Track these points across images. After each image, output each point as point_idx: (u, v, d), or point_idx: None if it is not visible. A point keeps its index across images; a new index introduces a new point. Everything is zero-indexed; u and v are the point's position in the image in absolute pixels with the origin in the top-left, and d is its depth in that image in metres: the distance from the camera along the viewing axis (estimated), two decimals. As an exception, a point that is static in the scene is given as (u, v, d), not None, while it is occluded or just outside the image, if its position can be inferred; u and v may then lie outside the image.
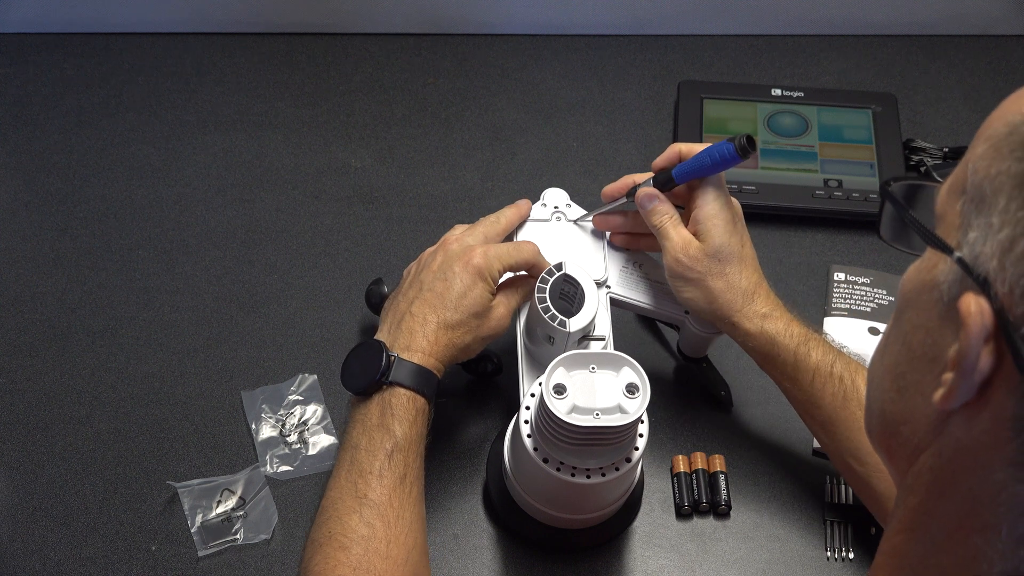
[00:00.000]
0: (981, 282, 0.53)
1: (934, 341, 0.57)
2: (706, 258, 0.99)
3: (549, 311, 0.98)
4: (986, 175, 0.54)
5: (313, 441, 1.10)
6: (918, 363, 0.59)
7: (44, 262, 1.23)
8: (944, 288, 0.56)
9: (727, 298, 1.00)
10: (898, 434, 0.61)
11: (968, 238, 0.54)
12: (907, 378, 0.60)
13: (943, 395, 0.55)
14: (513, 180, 1.33)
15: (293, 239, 1.26)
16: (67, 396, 1.13)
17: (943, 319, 0.56)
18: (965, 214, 0.55)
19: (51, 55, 1.43)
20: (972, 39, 1.49)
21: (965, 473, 0.56)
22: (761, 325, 0.99)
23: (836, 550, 1.04)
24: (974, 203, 0.55)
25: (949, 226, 0.57)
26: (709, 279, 0.99)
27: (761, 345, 1.00)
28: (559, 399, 0.90)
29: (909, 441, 0.60)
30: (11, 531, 1.04)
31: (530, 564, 1.03)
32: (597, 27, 1.48)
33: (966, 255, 0.54)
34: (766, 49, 1.48)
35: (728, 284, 1.00)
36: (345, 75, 1.43)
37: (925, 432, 0.58)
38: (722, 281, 0.99)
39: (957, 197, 0.56)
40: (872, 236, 1.28)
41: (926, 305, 0.58)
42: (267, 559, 1.03)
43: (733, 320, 1.00)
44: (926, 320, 0.58)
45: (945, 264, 0.56)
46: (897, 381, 0.61)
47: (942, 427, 0.57)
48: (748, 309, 1.00)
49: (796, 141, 1.34)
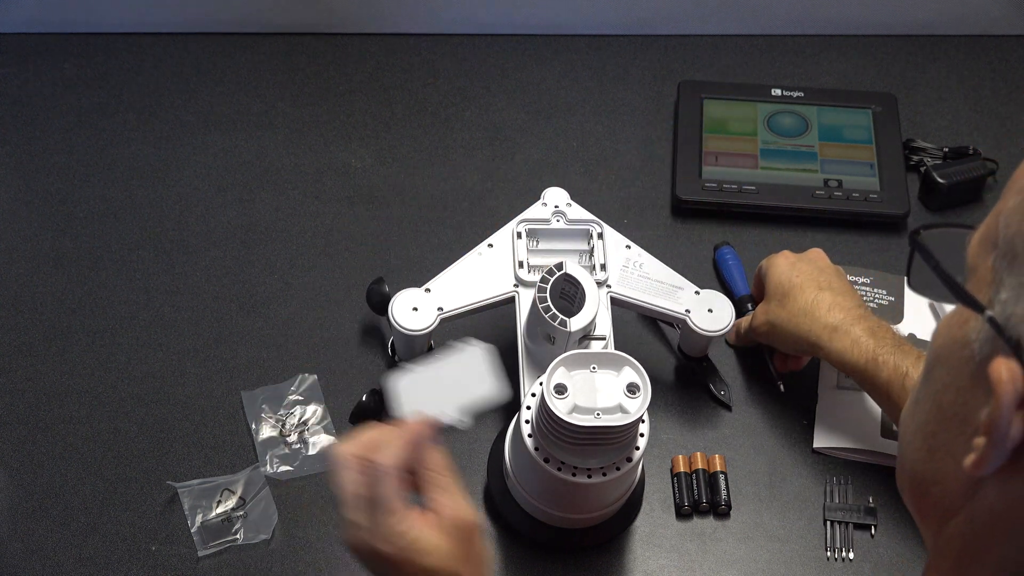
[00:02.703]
0: (1013, 345, 0.51)
1: (965, 402, 0.55)
2: (766, 306, 1.09)
3: (550, 311, 0.98)
4: (1018, 231, 0.52)
5: (313, 441, 1.10)
6: (949, 424, 0.57)
7: (44, 262, 1.23)
8: (976, 347, 0.54)
9: (794, 324, 1.05)
10: (929, 495, 0.59)
11: (1000, 296, 0.52)
12: (937, 438, 0.58)
13: (974, 461, 0.52)
14: (513, 180, 1.33)
15: (293, 239, 1.26)
16: (67, 396, 1.13)
17: (974, 379, 0.54)
18: (997, 270, 0.53)
19: (51, 55, 1.43)
20: (972, 39, 1.49)
21: (997, 539, 0.55)
22: (830, 341, 1.02)
23: (836, 550, 1.04)
24: (1006, 259, 0.52)
25: (981, 281, 0.54)
26: (775, 320, 1.07)
27: (836, 363, 1.02)
28: (560, 399, 0.90)
29: (940, 503, 0.58)
30: (11, 531, 1.04)
31: (530, 564, 1.03)
32: (597, 27, 1.48)
33: (997, 314, 0.52)
34: (766, 49, 1.48)
35: (790, 313, 1.06)
36: (345, 75, 1.43)
37: (956, 495, 0.57)
38: (784, 312, 1.06)
39: (989, 250, 0.54)
40: (872, 236, 1.28)
41: (957, 363, 0.55)
42: (267, 559, 1.03)
43: (811, 340, 1.04)
44: (956, 379, 0.56)
45: (976, 321, 0.54)
46: (927, 441, 0.59)
47: (974, 491, 0.55)
48: (816, 325, 1.03)
49: (796, 141, 1.34)
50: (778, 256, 1.11)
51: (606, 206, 1.26)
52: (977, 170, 1.31)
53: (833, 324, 1.03)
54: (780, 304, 1.07)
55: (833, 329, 1.02)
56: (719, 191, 1.28)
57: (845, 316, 1.03)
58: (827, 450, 1.10)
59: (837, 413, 1.12)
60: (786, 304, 1.06)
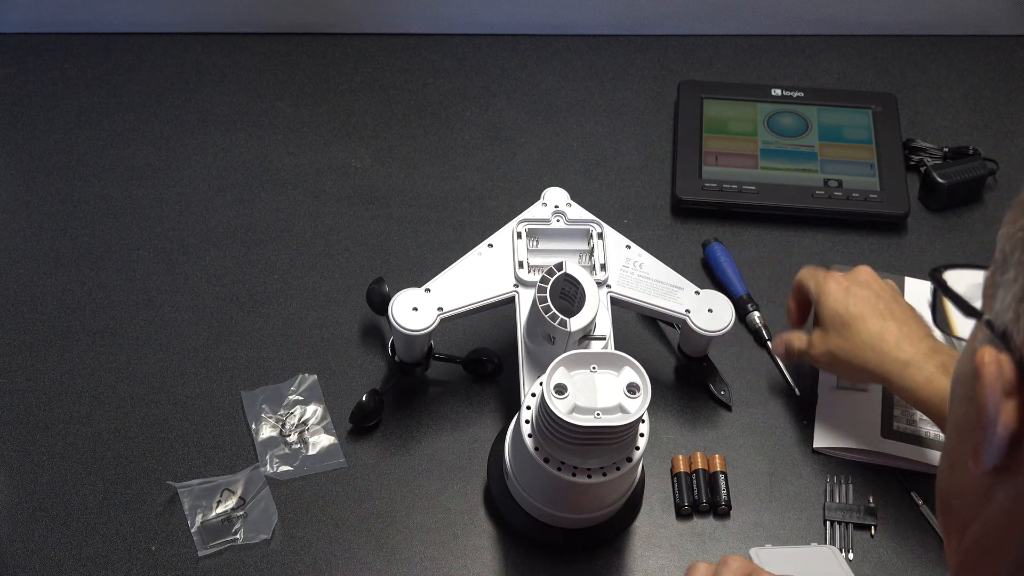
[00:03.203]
0: (1000, 335, 0.53)
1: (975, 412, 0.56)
2: (825, 335, 1.04)
3: (550, 310, 0.98)
4: (1008, 237, 0.55)
5: (313, 441, 1.10)
6: (963, 436, 0.58)
7: (44, 262, 1.23)
8: None
9: (860, 358, 1.02)
10: (951, 509, 0.60)
11: (996, 299, 0.55)
12: (956, 452, 0.59)
13: (971, 456, 0.54)
14: (513, 180, 1.33)
15: (293, 239, 1.26)
16: (67, 396, 1.13)
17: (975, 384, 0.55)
18: (994, 279, 0.55)
19: (51, 55, 1.43)
20: (972, 39, 1.49)
21: (1011, 540, 0.56)
22: (901, 377, 0.99)
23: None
24: (998, 265, 0.55)
25: (986, 299, 0.57)
26: (837, 352, 1.04)
27: (908, 399, 1.00)
28: (560, 399, 0.90)
29: (959, 515, 0.59)
30: (11, 531, 1.03)
31: (530, 564, 1.03)
32: (597, 27, 1.48)
33: (993, 316, 0.54)
34: (766, 49, 1.48)
35: (855, 346, 1.02)
36: (345, 75, 1.43)
37: (973, 503, 0.58)
38: (848, 345, 1.03)
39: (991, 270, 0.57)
40: (872, 236, 1.28)
41: (967, 376, 0.57)
42: (267, 559, 1.03)
43: (879, 375, 1.01)
44: (968, 390, 0.57)
45: (981, 332, 0.56)
46: (949, 457, 0.60)
47: (988, 497, 0.56)
48: (886, 360, 1.00)
49: (796, 141, 1.34)
50: (828, 280, 1.06)
51: (606, 206, 1.26)
52: (977, 170, 1.31)
53: (904, 359, 0.99)
54: (840, 335, 1.03)
55: (905, 364, 0.99)
56: (719, 191, 1.28)
57: (916, 351, 1.00)
58: (827, 450, 1.10)
59: (837, 413, 1.12)
60: (847, 335, 1.03)
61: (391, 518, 1.06)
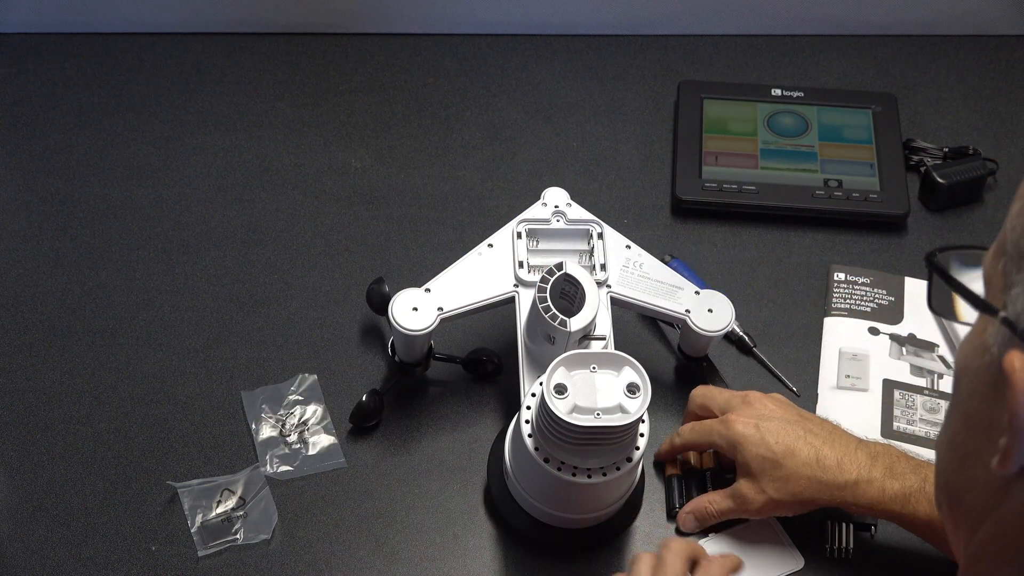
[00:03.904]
0: None
1: (988, 406, 0.56)
2: (757, 484, 0.98)
3: (550, 310, 0.98)
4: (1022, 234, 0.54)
5: (313, 441, 1.10)
6: (975, 431, 0.57)
7: (44, 262, 1.23)
8: (994, 352, 0.55)
9: (806, 494, 0.97)
10: (962, 504, 0.60)
11: (1011, 296, 0.54)
12: (967, 447, 0.59)
13: (1000, 459, 0.53)
14: (513, 180, 1.33)
15: (293, 239, 1.26)
16: (67, 396, 1.13)
17: (995, 384, 0.55)
18: (1008, 273, 0.54)
19: (51, 55, 1.43)
20: (972, 39, 1.49)
21: None
22: (855, 498, 0.96)
23: (836, 550, 1.04)
24: (1014, 261, 0.54)
25: (995, 289, 0.56)
26: (777, 496, 0.98)
27: (867, 512, 0.98)
28: (560, 399, 0.90)
29: (972, 510, 0.59)
30: (11, 531, 1.04)
31: (530, 564, 1.03)
32: (597, 27, 1.48)
33: (1010, 314, 0.53)
34: (766, 49, 1.48)
35: (796, 484, 0.97)
36: (345, 75, 1.43)
37: (987, 500, 0.57)
38: (787, 487, 0.97)
39: (999, 258, 0.56)
40: (872, 236, 1.28)
41: (978, 371, 0.56)
42: (267, 559, 1.03)
43: (833, 502, 0.97)
44: (980, 386, 0.56)
45: (993, 326, 0.55)
46: (957, 451, 0.60)
47: (1003, 494, 0.56)
48: (833, 488, 0.96)
49: (796, 141, 1.34)
50: (734, 424, 0.99)
51: (606, 206, 1.26)
52: (977, 170, 1.31)
53: (852, 480, 0.96)
54: (774, 478, 0.97)
55: (855, 485, 0.96)
56: (719, 191, 1.28)
57: (857, 466, 0.96)
58: (827, 450, 1.10)
59: (837, 413, 1.12)
60: (783, 476, 0.97)
61: (391, 518, 1.06)
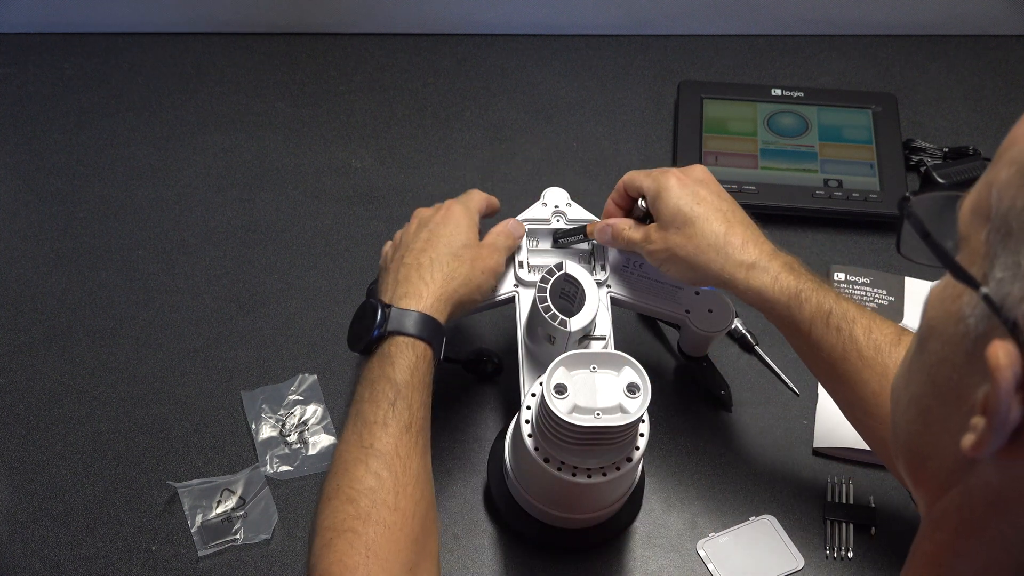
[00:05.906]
0: (1011, 327, 0.50)
1: (960, 378, 0.54)
2: (664, 232, 0.99)
3: (550, 311, 0.98)
4: (1012, 206, 0.51)
5: (313, 441, 1.10)
6: (944, 399, 0.56)
7: (44, 262, 1.23)
8: (971, 323, 0.53)
9: (702, 259, 0.97)
10: (925, 467, 0.59)
11: (995, 273, 0.51)
12: (933, 413, 0.57)
13: (974, 444, 0.52)
14: (513, 180, 1.33)
15: (293, 239, 1.26)
16: (67, 396, 1.13)
17: (970, 356, 0.53)
18: (991, 243, 0.52)
19: (51, 55, 1.43)
20: (972, 39, 1.49)
21: (995, 516, 0.55)
22: (747, 279, 0.96)
23: (836, 550, 1.04)
24: (1000, 234, 0.51)
25: (974, 253, 0.53)
26: (677, 250, 0.98)
27: (753, 301, 0.97)
28: (560, 399, 0.90)
29: (936, 476, 0.58)
30: (11, 531, 1.04)
31: (530, 564, 1.03)
32: (597, 27, 1.48)
33: (993, 292, 0.51)
34: (766, 49, 1.48)
35: (696, 246, 0.97)
36: (345, 75, 1.43)
37: (953, 469, 0.56)
38: (690, 244, 0.98)
39: (982, 222, 0.53)
40: (872, 236, 1.28)
41: (952, 339, 0.54)
42: (267, 559, 1.03)
43: (723, 277, 0.97)
44: (951, 354, 0.54)
45: (971, 297, 0.53)
46: (923, 415, 0.58)
47: (971, 467, 0.55)
48: (729, 263, 0.97)
49: (796, 141, 1.34)
50: (668, 176, 1.00)
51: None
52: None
53: (750, 261, 0.96)
54: (681, 232, 0.98)
55: (750, 267, 0.96)
56: (719, 191, 1.28)
57: (760, 252, 0.97)
58: (827, 450, 1.10)
59: (837, 413, 1.11)
60: (690, 234, 0.98)
61: (391, 518, 1.05)
